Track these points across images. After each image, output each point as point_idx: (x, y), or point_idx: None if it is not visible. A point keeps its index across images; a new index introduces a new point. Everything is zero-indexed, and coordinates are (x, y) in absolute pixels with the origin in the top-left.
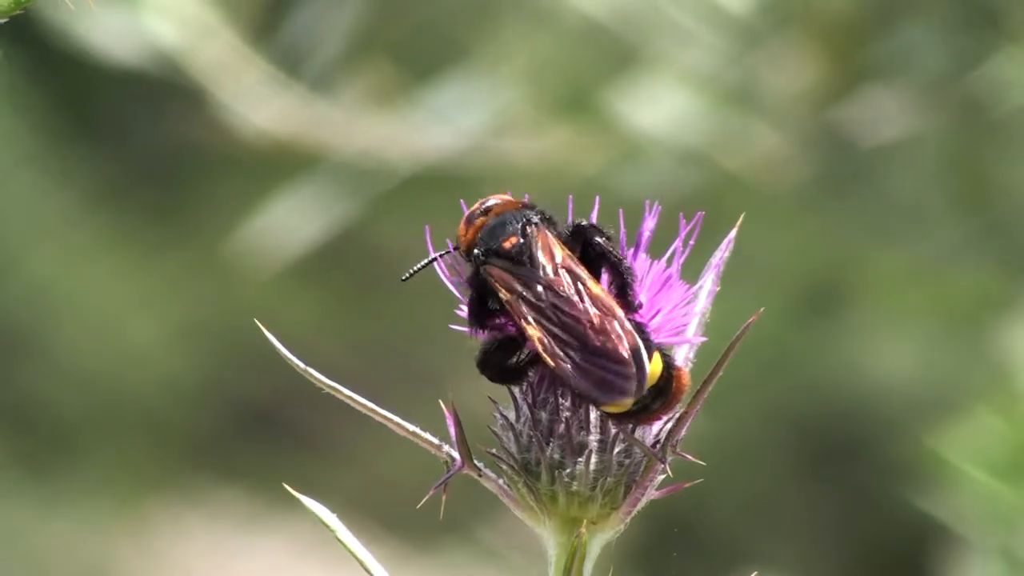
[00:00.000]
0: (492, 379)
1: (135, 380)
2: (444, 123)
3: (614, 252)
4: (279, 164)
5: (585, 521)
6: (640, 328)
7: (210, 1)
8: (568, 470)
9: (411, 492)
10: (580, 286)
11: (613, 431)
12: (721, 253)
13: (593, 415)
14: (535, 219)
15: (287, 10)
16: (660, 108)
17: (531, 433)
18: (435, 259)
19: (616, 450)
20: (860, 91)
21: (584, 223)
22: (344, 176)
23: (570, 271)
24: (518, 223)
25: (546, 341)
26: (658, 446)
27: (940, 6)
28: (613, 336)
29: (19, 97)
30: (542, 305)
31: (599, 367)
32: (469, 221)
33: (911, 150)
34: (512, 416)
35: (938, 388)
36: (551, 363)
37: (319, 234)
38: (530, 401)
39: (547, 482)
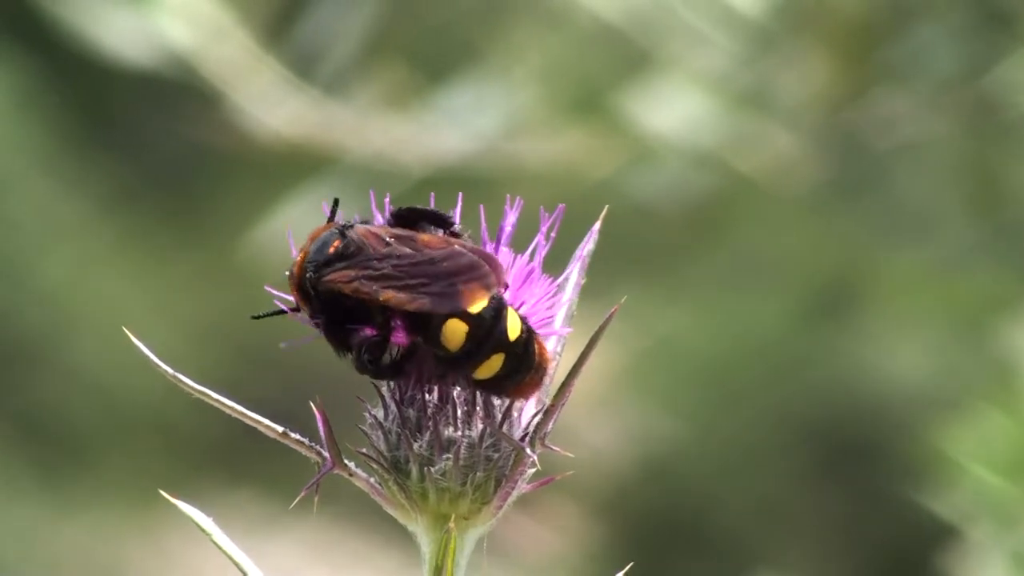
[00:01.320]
0: (377, 378)
1: (148, 384)
2: (457, 125)
3: (433, 212)
4: (292, 166)
5: (454, 516)
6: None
7: (224, 3)
8: (437, 466)
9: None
10: (412, 242)
11: (481, 426)
12: (585, 244)
13: (460, 412)
14: (351, 223)
15: (301, 12)
16: (673, 110)
17: (399, 431)
18: (281, 311)
19: (485, 445)
20: (873, 94)
21: (401, 209)
22: (357, 178)
23: (398, 237)
24: (335, 233)
25: (400, 295)
26: (527, 439)
27: (953, 9)
28: (456, 254)
29: (34, 102)
30: (383, 271)
31: (452, 285)
32: (293, 269)
33: (923, 152)
34: (380, 415)
35: (949, 390)
36: (411, 306)
37: None
38: (398, 399)
39: (417, 479)
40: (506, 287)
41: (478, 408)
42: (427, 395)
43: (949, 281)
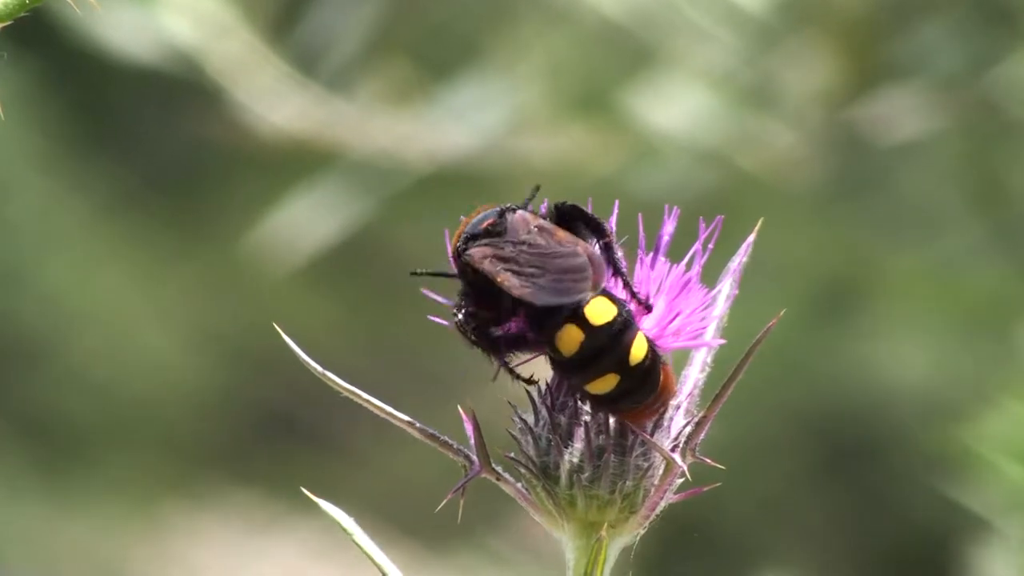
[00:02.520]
0: (469, 343)
1: (150, 385)
2: (461, 122)
3: (591, 215)
4: (295, 163)
5: (604, 525)
6: (625, 303)
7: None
8: (587, 474)
9: (426, 495)
10: (549, 236)
11: (632, 435)
12: (740, 257)
13: (613, 419)
14: (513, 206)
15: (304, 9)
16: (676, 108)
17: (550, 437)
18: (441, 274)
19: (635, 454)
20: (876, 91)
21: (565, 203)
22: (361, 175)
23: (541, 228)
24: (497, 209)
25: (512, 279)
26: (676, 450)
27: (956, 7)
28: (573, 254)
29: (34, 105)
30: (512, 255)
31: (559, 281)
32: (455, 237)
33: (927, 150)
34: (531, 420)
35: (953, 390)
36: (516, 292)
37: (335, 234)
38: (549, 404)
39: (566, 486)
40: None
41: None
42: (579, 402)
43: (952, 279)
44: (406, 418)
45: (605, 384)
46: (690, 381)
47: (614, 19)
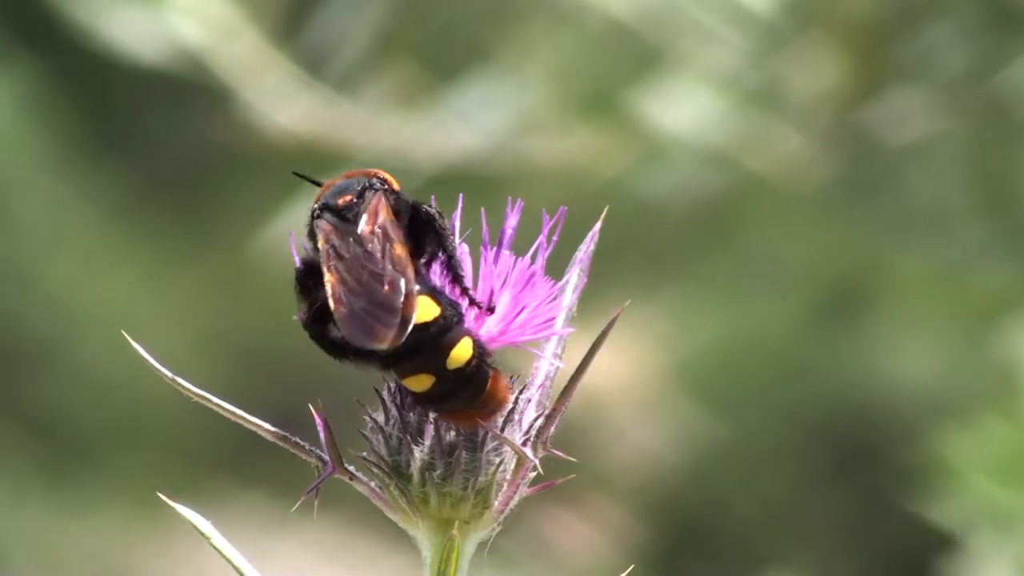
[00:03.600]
0: (317, 343)
1: (157, 387)
2: (467, 124)
3: (441, 225)
4: (302, 164)
5: (458, 521)
6: (453, 305)
7: (234, 1)
8: (439, 471)
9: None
10: (388, 246)
11: (482, 431)
12: (586, 246)
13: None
14: (377, 185)
15: (311, 10)
16: (683, 109)
17: (400, 435)
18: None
19: (487, 449)
20: (883, 92)
21: (423, 207)
22: None
23: (384, 232)
24: (359, 186)
25: (337, 288)
26: (528, 444)
27: (964, 7)
28: (393, 287)
29: (42, 106)
30: (346, 256)
31: (372, 316)
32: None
33: (934, 152)
34: (381, 419)
35: (959, 392)
36: (332, 306)
37: None
38: (399, 403)
39: (418, 483)
40: (392, 339)
41: None
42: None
43: (959, 282)
44: (255, 420)
45: (420, 383)
46: (540, 374)
47: (621, 20)
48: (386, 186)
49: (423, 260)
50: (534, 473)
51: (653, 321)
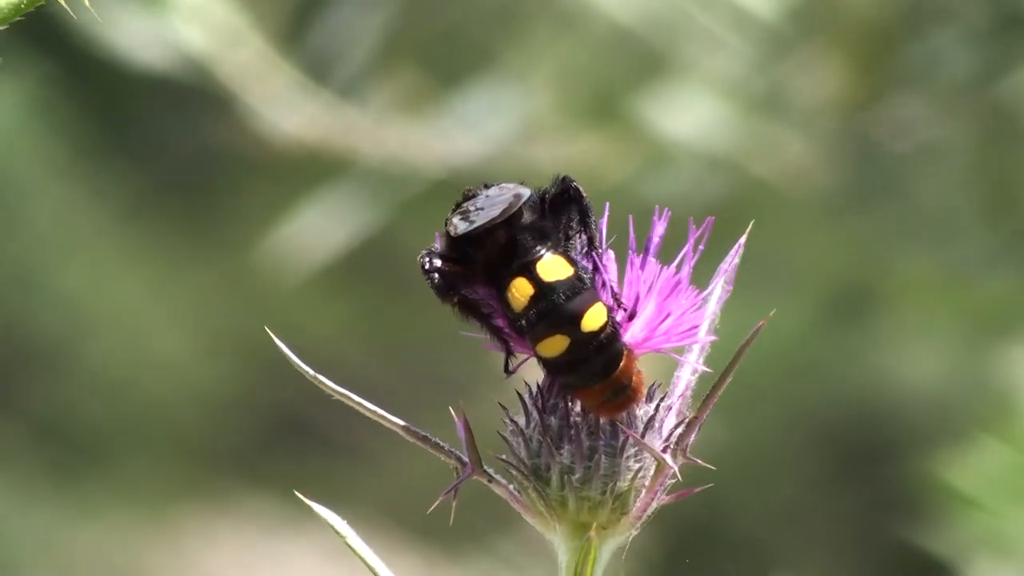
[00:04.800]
0: (433, 289)
1: (165, 390)
2: (472, 129)
3: (586, 209)
4: (307, 170)
5: (595, 525)
6: (587, 272)
7: (238, 7)
8: (578, 475)
9: (438, 498)
10: None
11: (623, 436)
12: (732, 258)
13: (603, 420)
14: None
15: (315, 16)
16: (688, 115)
17: (541, 438)
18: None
19: (626, 455)
20: (888, 98)
21: (572, 182)
22: (372, 182)
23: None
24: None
25: (455, 220)
26: (667, 451)
27: (968, 13)
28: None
29: (51, 110)
30: (467, 207)
31: (487, 208)
32: None
33: (939, 157)
34: (522, 421)
35: (964, 396)
36: (452, 230)
37: (347, 240)
38: (540, 406)
39: (557, 487)
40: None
41: (621, 418)
42: (570, 403)
43: (965, 286)
44: (398, 420)
45: (554, 346)
46: (682, 382)
47: (626, 26)
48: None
49: (563, 233)
50: (673, 480)
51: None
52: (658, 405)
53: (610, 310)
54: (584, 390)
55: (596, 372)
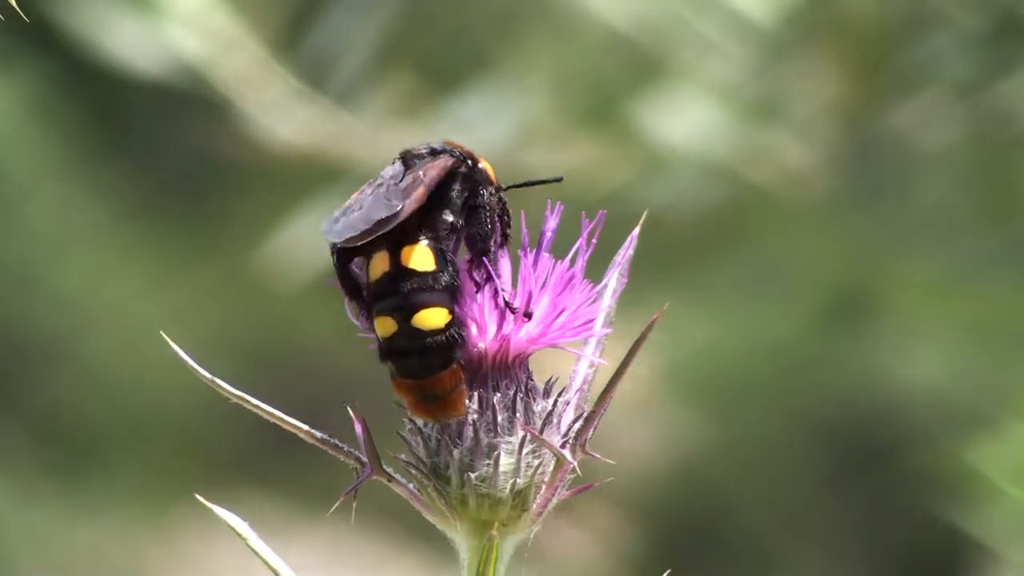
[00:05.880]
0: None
1: (164, 390)
2: (469, 135)
3: (490, 219)
4: (305, 176)
5: (496, 523)
6: (453, 279)
7: (235, 13)
8: (477, 472)
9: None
10: (414, 188)
11: (522, 433)
12: (625, 250)
13: (501, 417)
14: (456, 154)
15: (312, 22)
16: (685, 120)
17: (440, 437)
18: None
19: (525, 451)
20: (886, 102)
21: (496, 190)
22: None
23: (420, 176)
24: (439, 147)
25: (355, 196)
26: (567, 446)
27: (967, 17)
28: (386, 208)
29: (49, 110)
30: (382, 182)
31: (354, 220)
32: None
33: (939, 161)
34: (420, 421)
35: (966, 398)
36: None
37: None
38: None
39: (457, 485)
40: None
41: (519, 414)
42: (467, 401)
43: (965, 289)
44: (293, 422)
45: (383, 327)
46: (579, 377)
47: (623, 31)
48: (464, 159)
49: (449, 229)
50: (572, 475)
51: (657, 325)
52: (556, 400)
53: (454, 325)
54: (397, 380)
55: (411, 369)
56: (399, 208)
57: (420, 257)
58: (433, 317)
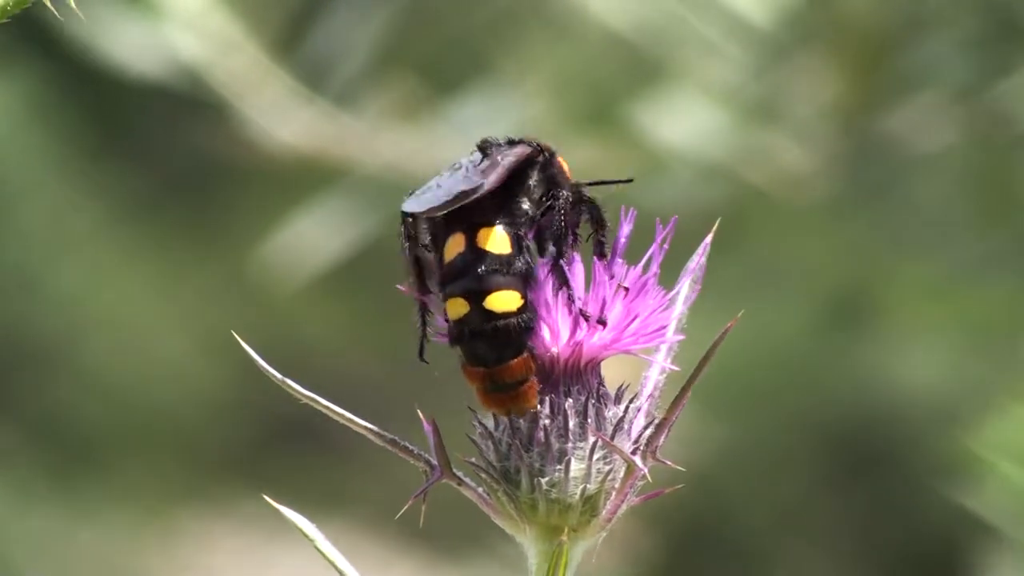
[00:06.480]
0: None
1: (164, 392)
2: (468, 137)
3: (567, 219)
4: (304, 178)
5: (566, 528)
6: (529, 264)
7: (234, 15)
8: (548, 477)
9: (440, 502)
10: (494, 171)
11: (592, 439)
12: (698, 257)
13: (572, 422)
14: (534, 145)
15: (311, 24)
16: (684, 122)
17: (510, 441)
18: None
19: (595, 457)
20: (886, 104)
21: (577, 190)
22: (369, 190)
23: (498, 161)
24: (517, 138)
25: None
26: (637, 452)
27: (966, 19)
28: (466, 183)
29: (49, 111)
30: (465, 165)
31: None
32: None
33: (937, 163)
34: (491, 424)
35: (966, 398)
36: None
37: (344, 248)
38: None
39: (527, 490)
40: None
41: (590, 420)
42: (539, 406)
43: (964, 290)
44: (364, 423)
45: (455, 308)
46: (650, 383)
47: (622, 33)
48: (542, 151)
49: (525, 219)
50: (643, 482)
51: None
52: (627, 407)
53: (527, 309)
54: (467, 368)
55: (480, 354)
56: (481, 183)
57: (496, 240)
58: (506, 300)
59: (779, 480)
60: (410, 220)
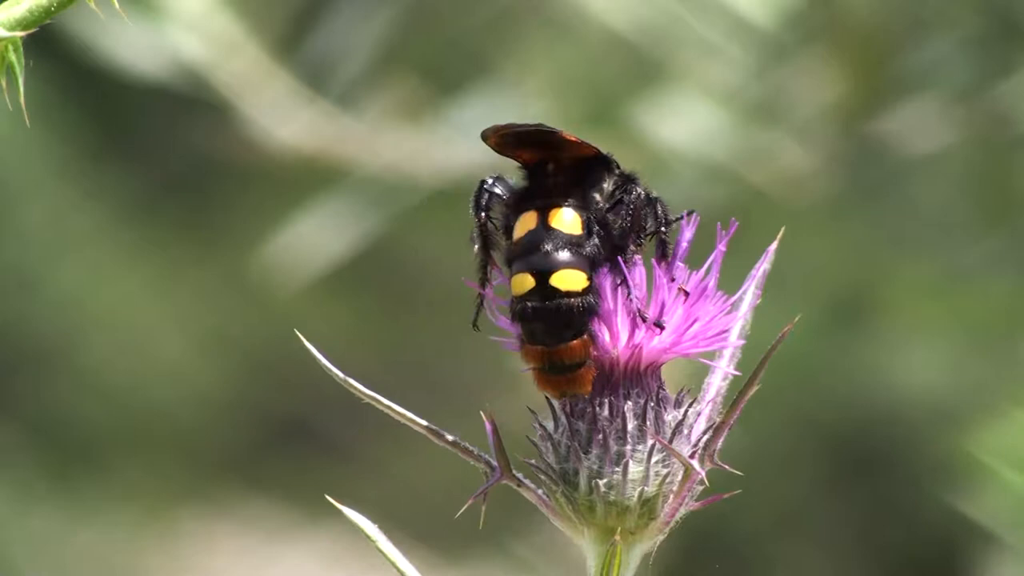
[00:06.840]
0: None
1: (164, 392)
2: (470, 138)
3: (641, 214)
4: (305, 178)
5: (621, 530)
6: (598, 250)
7: (236, 15)
8: (606, 480)
9: (440, 502)
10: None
11: (651, 441)
12: (762, 264)
13: (631, 425)
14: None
15: (313, 25)
16: (686, 122)
17: (569, 443)
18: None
19: (654, 460)
20: (887, 104)
21: (653, 197)
22: (370, 191)
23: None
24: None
25: None
26: (696, 456)
27: (967, 20)
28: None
29: (50, 111)
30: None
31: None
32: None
33: (938, 163)
34: (550, 426)
35: (966, 399)
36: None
37: (345, 248)
38: (568, 411)
39: (585, 492)
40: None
41: (648, 423)
42: (598, 409)
43: (965, 290)
44: (425, 423)
45: (521, 284)
46: (712, 388)
47: (623, 34)
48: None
49: (596, 208)
50: (701, 487)
51: None
52: (686, 411)
53: (593, 290)
54: (527, 346)
55: (542, 332)
56: (558, 130)
57: (568, 220)
58: (572, 279)
59: (780, 480)
60: (486, 196)
